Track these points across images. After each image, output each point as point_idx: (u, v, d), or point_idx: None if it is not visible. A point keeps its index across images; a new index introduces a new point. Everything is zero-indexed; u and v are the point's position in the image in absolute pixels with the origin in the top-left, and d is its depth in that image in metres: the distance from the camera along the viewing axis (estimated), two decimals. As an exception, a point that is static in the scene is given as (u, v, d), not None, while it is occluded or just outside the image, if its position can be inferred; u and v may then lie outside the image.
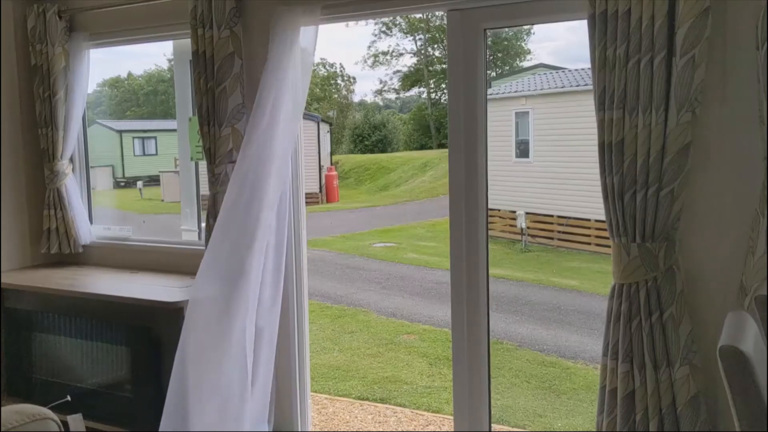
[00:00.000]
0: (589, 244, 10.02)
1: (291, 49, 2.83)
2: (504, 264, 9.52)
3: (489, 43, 3.41)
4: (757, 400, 1.31)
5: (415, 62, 28.27)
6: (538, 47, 25.26)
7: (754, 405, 1.32)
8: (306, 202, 3.25)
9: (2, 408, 1.40)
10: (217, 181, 2.98)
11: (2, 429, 1.35)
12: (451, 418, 2.96)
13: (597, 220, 9.65)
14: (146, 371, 3.01)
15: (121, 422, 3.06)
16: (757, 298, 1.83)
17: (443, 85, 26.32)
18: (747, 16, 2.09)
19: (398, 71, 30.19)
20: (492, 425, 2.85)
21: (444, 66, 24.14)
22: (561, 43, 29.34)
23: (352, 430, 3.87)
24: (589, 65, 2.26)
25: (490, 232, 2.95)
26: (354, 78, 30.14)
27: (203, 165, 3.15)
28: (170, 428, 2.71)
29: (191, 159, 3.48)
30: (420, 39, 28.02)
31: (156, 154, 16.41)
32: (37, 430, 1.41)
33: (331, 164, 19.85)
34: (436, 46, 27.49)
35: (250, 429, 2.84)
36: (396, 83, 29.80)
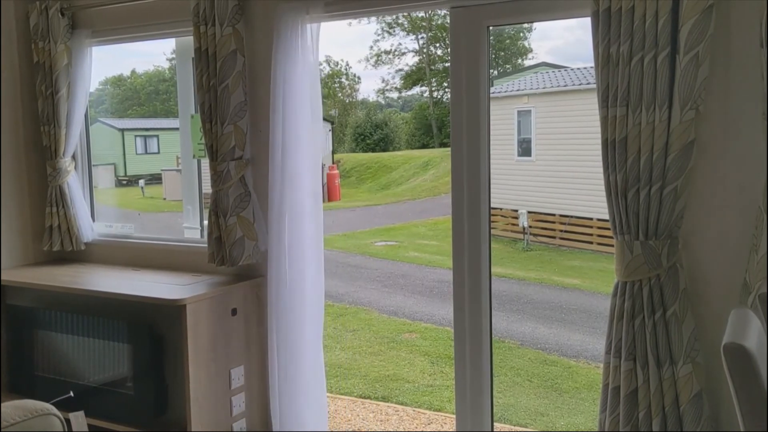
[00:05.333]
0: (591, 243, 10.01)
1: (295, 46, 2.83)
2: (506, 263, 9.51)
3: (491, 42, 3.41)
4: (760, 398, 1.31)
5: (417, 61, 28.24)
6: (536, 46, 25.25)
7: (758, 402, 1.31)
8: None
9: (4, 404, 1.39)
10: (220, 179, 2.98)
11: (4, 425, 1.35)
12: (453, 416, 2.96)
13: (599, 219, 9.64)
14: (148, 369, 3.01)
15: (123, 420, 3.07)
16: (760, 296, 1.82)
17: (445, 84, 26.29)
18: (751, 13, 2.09)
19: (400, 70, 30.14)
20: (494, 424, 2.85)
21: (446, 65, 24.13)
22: (559, 42, 29.29)
23: (353, 428, 3.87)
24: (588, 64, 2.26)
25: (492, 231, 2.94)
26: (359, 78, 30.11)
27: (205, 163, 3.15)
28: None
29: (193, 156, 3.48)
30: (422, 38, 27.99)
31: (158, 152, 16.43)
32: (39, 426, 1.41)
33: (333, 163, 19.84)
34: (438, 45, 27.44)
35: None
36: (398, 82, 29.77)
